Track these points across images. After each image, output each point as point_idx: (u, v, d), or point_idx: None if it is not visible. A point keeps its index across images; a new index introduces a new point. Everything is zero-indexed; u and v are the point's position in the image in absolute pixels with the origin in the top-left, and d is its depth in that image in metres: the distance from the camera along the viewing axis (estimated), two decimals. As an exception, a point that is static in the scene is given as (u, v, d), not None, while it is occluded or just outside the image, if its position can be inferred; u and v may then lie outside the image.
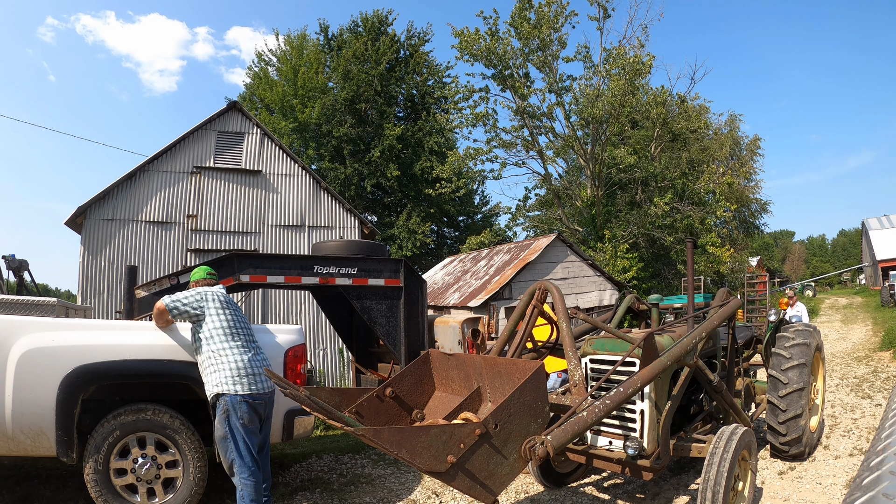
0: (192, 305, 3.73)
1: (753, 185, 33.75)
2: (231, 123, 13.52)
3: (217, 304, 3.78)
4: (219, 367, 3.62)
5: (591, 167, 23.53)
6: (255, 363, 3.72)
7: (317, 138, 26.65)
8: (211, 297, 3.80)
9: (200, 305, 3.74)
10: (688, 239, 4.42)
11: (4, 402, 3.62)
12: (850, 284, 56.78)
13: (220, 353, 3.65)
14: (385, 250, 8.13)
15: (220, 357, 3.64)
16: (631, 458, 3.50)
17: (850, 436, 5.76)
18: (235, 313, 3.85)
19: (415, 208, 26.98)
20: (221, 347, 3.67)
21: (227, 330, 3.71)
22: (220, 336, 3.69)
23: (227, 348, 3.66)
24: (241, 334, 3.78)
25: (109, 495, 3.78)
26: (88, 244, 11.76)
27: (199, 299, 3.76)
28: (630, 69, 20.32)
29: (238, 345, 3.70)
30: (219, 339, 3.68)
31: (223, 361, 3.62)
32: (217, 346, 3.67)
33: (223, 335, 3.69)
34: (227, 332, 3.70)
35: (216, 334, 3.69)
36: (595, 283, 15.49)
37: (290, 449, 6.44)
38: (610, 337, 3.97)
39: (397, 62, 28.22)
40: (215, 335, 3.68)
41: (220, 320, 3.72)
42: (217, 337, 3.68)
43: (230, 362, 3.62)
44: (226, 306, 3.82)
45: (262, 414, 3.71)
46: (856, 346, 13.62)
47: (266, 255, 6.81)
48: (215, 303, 3.78)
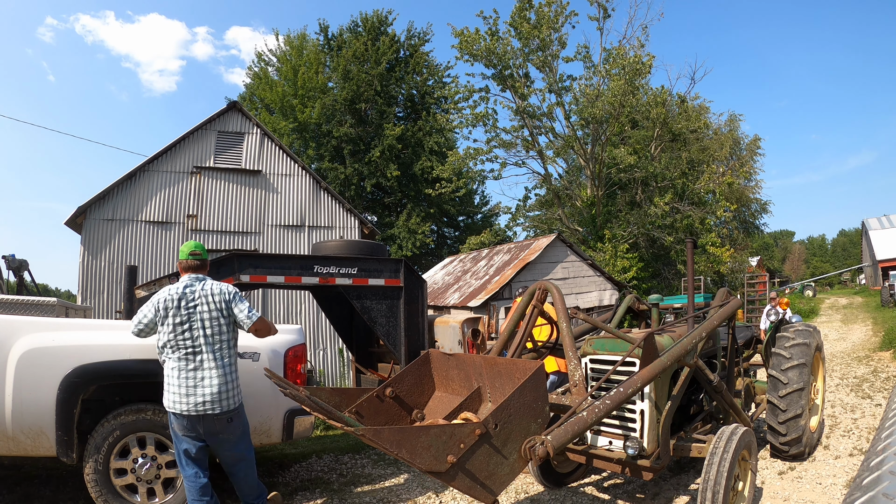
0: (144, 324, 3.57)
1: (753, 185, 33.79)
2: (231, 123, 13.52)
3: (159, 314, 3.55)
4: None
5: (591, 167, 23.54)
6: (188, 379, 3.48)
7: (317, 138, 26.66)
8: (151, 308, 3.57)
9: (150, 321, 3.57)
10: (688, 239, 4.42)
11: (4, 402, 3.62)
12: (850, 284, 56.78)
13: (163, 364, 3.60)
14: (385, 250, 8.13)
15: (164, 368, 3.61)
16: (631, 458, 3.50)
17: (850, 436, 5.76)
18: (178, 323, 3.54)
19: (415, 208, 26.98)
20: (161, 360, 3.60)
21: (166, 344, 3.55)
22: (162, 349, 3.57)
23: (165, 360, 3.58)
24: (181, 346, 3.53)
25: (109, 495, 3.79)
26: (88, 244, 11.76)
27: (145, 316, 3.57)
28: (630, 69, 20.32)
29: (175, 358, 3.53)
30: (162, 352, 3.58)
31: (165, 373, 3.58)
32: (161, 358, 3.61)
33: (162, 348, 3.56)
34: (165, 346, 3.55)
35: (160, 348, 3.58)
36: (595, 283, 15.49)
37: (290, 449, 6.44)
38: (610, 337, 3.97)
39: (397, 62, 28.23)
40: (160, 349, 3.58)
41: (162, 334, 3.56)
42: (162, 350, 3.58)
43: (166, 375, 3.56)
44: (166, 315, 3.54)
45: (202, 428, 3.53)
46: (856, 346, 13.62)
47: (266, 255, 6.81)
48: (158, 313, 3.55)
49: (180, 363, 3.50)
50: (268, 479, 5.17)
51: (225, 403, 3.52)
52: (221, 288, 3.68)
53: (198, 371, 3.51)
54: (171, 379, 3.51)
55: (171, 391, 3.50)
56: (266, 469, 5.55)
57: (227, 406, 3.53)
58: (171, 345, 3.53)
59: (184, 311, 3.55)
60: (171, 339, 3.53)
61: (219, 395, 3.50)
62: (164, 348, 3.55)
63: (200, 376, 3.50)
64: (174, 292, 3.58)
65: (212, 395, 3.48)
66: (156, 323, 3.56)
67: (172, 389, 3.49)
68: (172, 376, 3.51)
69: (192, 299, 3.58)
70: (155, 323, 3.56)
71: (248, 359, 4.13)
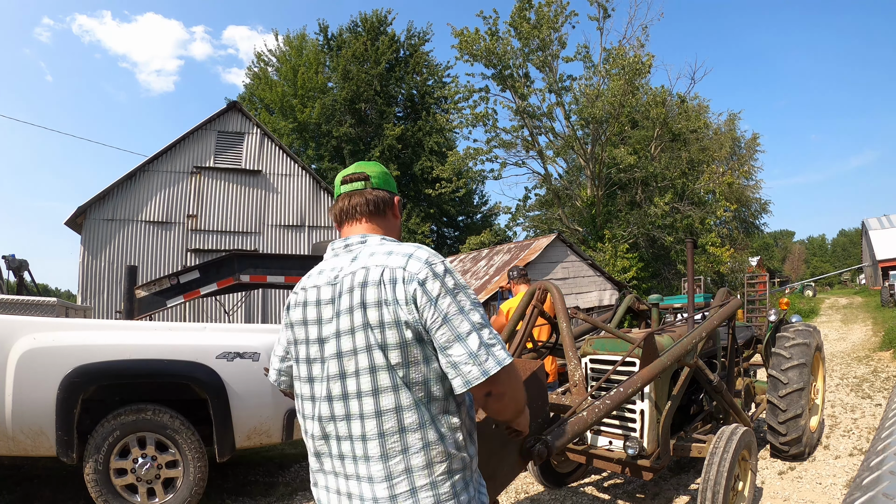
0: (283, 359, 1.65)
1: (753, 184, 33.81)
2: (231, 123, 13.52)
3: (291, 335, 1.53)
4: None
5: (591, 167, 23.54)
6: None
7: (317, 138, 26.67)
8: (285, 316, 1.59)
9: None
10: (688, 239, 4.42)
11: (4, 402, 3.62)
12: (850, 284, 56.82)
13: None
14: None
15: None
16: (631, 458, 3.50)
17: (850, 436, 5.76)
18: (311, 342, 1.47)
19: (415, 208, 26.99)
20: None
21: (296, 392, 1.56)
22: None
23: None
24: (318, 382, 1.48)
25: (109, 495, 3.78)
26: (88, 244, 11.76)
27: (281, 338, 1.63)
28: (630, 69, 20.33)
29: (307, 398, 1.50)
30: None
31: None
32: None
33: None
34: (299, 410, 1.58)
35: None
36: (595, 283, 15.49)
37: (290, 449, 6.44)
38: (610, 337, 3.97)
39: (397, 62, 28.24)
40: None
41: (294, 368, 1.58)
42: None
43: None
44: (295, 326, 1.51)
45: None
46: (856, 346, 13.62)
47: (266, 255, 6.82)
48: (289, 332, 1.54)
49: (321, 458, 1.55)
50: (268, 479, 5.17)
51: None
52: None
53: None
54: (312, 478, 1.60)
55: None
56: (266, 469, 5.55)
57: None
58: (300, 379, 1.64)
59: (319, 314, 1.60)
60: (302, 370, 1.64)
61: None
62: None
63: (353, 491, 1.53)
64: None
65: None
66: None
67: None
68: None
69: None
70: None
71: (247, 359, 4.13)
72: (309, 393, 1.45)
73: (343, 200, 1.54)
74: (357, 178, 1.55)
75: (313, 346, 1.43)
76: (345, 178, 1.56)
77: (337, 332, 1.37)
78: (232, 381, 4.05)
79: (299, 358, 1.47)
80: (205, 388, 4.00)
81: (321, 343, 1.41)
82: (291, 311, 1.49)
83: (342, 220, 1.55)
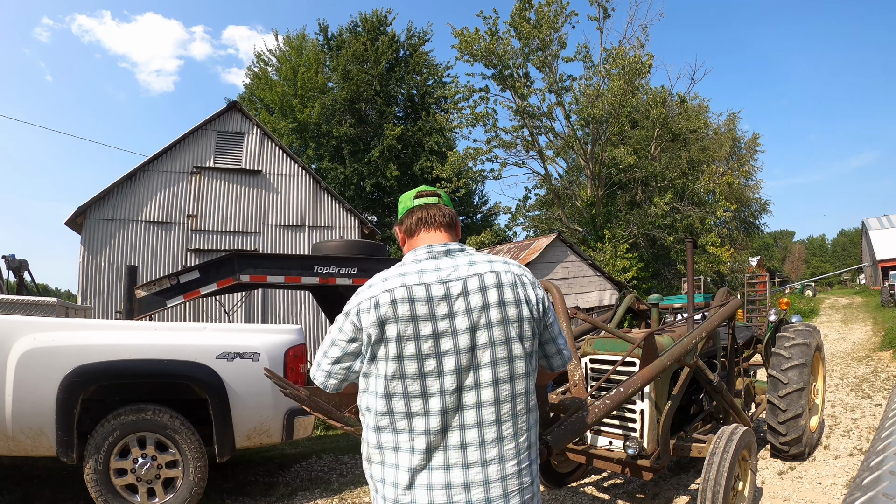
0: (336, 361, 1.59)
1: (753, 184, 33.83)
2: (231, 123, 13.52)
3: (394, 331, 1.48)
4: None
5: (591, 167, 23.55)
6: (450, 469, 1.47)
7: (316, 138, 26.67)
8: (364, 318, 1.51)
9: (349, 350, 1.57)
10: (688, 239, 4.42)
11: (4, 402, 3.62)
12: (850, 284, 56.83)
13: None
14: (385, 250, 8.13)
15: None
16: (631, 458, 3.50)
17: (850, 436, 5.76)
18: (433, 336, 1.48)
19: (415, 208, 26.96)
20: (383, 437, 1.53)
21: (392, 409, 1.49)
22: (373, 416, 1.53)
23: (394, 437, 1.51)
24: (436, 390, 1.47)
25: (109, 495, 3.78)
26: (88, 244, 11.76)
27: (342, 332, 1.58)
28: (630, 69, 20.34)
29: (421, 394, 1.47)
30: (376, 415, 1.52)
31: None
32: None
33: (384, 423, 1.51)
34: (391, 413, 1.50)
35: (368, 408, 1.55)
36: (595, 283, 15.49)
37: (290, 449, 6.44)
38: (610, 337, 3.97)
39: (397, 62, 28.23)
40: (368, 410, 1.55)
41: (383, 381, 1.49)
42: (368, 415, 1.55)
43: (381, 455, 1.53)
44: (401, 324, 1.47)
45: None
46: (856, 346, 13.62)
47: (266, 255, 6.81)
48: (391, 328, 1.48)
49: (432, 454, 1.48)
50: (268, 479, 5.17)
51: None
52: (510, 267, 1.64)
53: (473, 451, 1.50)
54: (406, 482, 1.48)
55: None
56: (266, 469, 5.55)
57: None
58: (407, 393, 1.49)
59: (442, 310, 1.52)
60: (410, 377, 1.51)
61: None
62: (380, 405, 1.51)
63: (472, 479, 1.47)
64: (397, 282, 1.53)
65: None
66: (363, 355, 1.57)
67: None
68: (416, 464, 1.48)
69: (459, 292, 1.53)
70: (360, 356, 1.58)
71: (247, 359, 4.13)
72: (432, 388, 1.46)
73: (421, 211, 1.69)
74: (432, 195, 1.74)
75: (437, 341, 1.47)
76: (419, 193, 1.74)
77: (470, 328, 1.48)
78: (232, 381, 4.05)
79: (409, 354, 1.46)
80: (205, 388, 4.00)
81: (454, 336, 1.47)
82: (398, 306, 1.48)
83: (420, 227, 1.68)
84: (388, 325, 1.47)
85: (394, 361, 1.47)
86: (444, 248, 1.60)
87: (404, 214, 1.74)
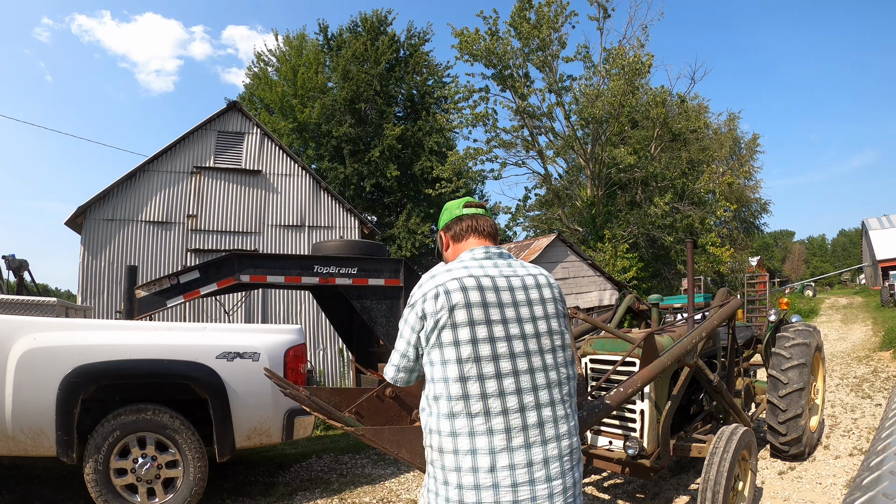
0: (403, 355, 1.69)
1: (753, 184, 33.82)
2: (231, 123, 13.52)
3: (464, 316, 1.57)
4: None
5: (591, 167, 23.54)
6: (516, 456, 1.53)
7: (316, 138, 26.66)
8: (431, 305, 1.58)
9: (413, 341, 1.65)
10: (688, 239, 4.42)
11: (4, 402, 3.62)
12: (850, 284, 56.84)
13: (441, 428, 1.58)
14: (385, 250, 8.12)
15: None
16: (631, 458, 3.50)
17: (850, 436, 5.76)
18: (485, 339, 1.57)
19: (414, 208, 26.97)
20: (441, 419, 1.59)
21: (468, 392, 1.54)
22: (446, 402, 1.56)
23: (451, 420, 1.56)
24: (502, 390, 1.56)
25: (109, 495, 3.78)
26: (88, 244, 11.76)
27: (407, 324, 1.66)
28: (630, 69, 20.33)
29: (495, 374, 1.56)
30: (444, 408, 1.57)
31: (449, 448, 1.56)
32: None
33: (459, 407, 1.54)
34: (466, 397, 1.54)
35: (438, 396, 1.58)
36: (595, 283, 15.49)
37: (290, 449, 6.44)
38: (610, 337, 3.97)
39: (397, 62, 28.22)
40: (437, 399, 1.59)
41: (455, 365, 1.55)
42: (439, 403, 1.58)
43: (452, 453, 1.55)
44: (474, 309, 1.58)
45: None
46: (856, 346, 13.62)
47: (266, 255, 6.81)
48: (461, 313, 1.56)
49: (511, 434, 1.54)
50: (268, 479, 5.17)
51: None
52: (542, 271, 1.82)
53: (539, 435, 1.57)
54: (488, 465, 1.51)
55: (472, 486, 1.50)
56: (266, 469, 5.55)
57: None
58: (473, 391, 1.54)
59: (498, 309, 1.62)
60: (483, 368, 1.56)
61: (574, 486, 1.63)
62: (446, 398, 1.56)
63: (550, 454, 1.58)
64: (462, 272, 1.64)
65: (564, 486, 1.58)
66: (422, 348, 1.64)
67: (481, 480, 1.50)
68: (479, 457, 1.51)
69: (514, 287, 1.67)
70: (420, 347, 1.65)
71: (247, 359, 4.13)
72: (505, 369, 1.56)
73: (471, 219, 1.83)
74: (479, 206, 1.89)
75: (507, 326, 1.60)
76: (468, 203, 1.89)
77: (533, 317, 1.65)
78: (232, 381, 4.05)
79: (482, 338, 1.56)
80: (205, 388, 4.00)
81: (520, 322, 1.62)
82: (469, 293, 1.58)
83: (469, 234, 1.82)
84: (458, 310, 1.56)
85: (467, 345, 1.54)
86: (499, 251, 1.76)
87: (452, 220, 1.86)
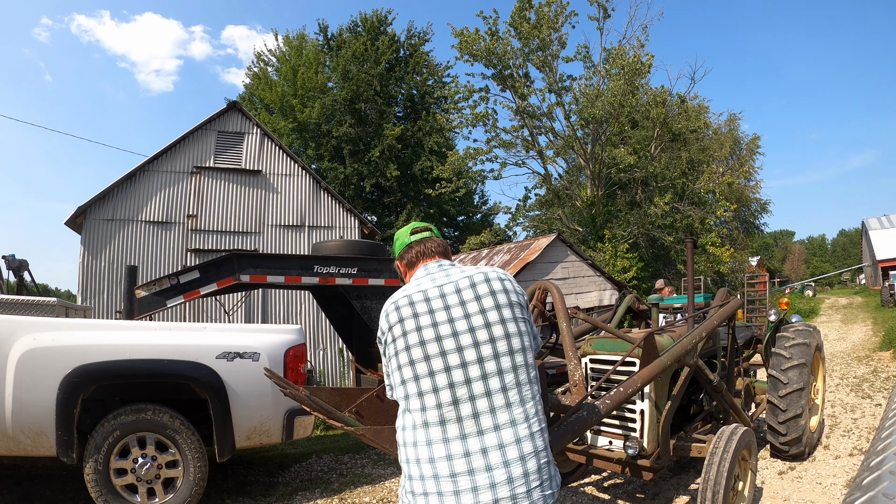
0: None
1: (753, 184, 33.81)
2: (231, 123, 13.51)
3: (399, 330, 1.73)
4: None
5: (591, 167, 23.54)
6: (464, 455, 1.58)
7: (316, 138, 26.66)
8: (384, 322, 1.80)
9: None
10: (688, 239, 4.42)
11: (4, 402, 3.62)
12: (850, 284, 56.84)
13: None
14: (385, 250, 8.12)
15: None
16: (631, 458, 3.50)
17: (850, 436, 5.76)
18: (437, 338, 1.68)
19: (414, 208, 26.98)
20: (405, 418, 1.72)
21: (407, 392, 1.68)
22: (402, 403, 1.72)
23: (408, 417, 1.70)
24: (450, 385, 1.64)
25: (109, 495, 3.78)
26: (88, 244, 11.76)
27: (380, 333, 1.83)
28: (630, 69, 20.33)
29: (428, 373, 1.66)
30: (403, 419, 1.72)
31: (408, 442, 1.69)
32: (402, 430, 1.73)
33: (404, 406, 1.71)
34: (407, 397, 1.69)
35: (398, 399, 1.75)
36: (595, 283, 15.49)
37: (290, 449, 6.44)
38: (610, 337, 3.97)
39: (397, 62, 28.22)
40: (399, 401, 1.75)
41: (398, 371, 1.72)
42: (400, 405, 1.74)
43: (410, 446, 1.68)
44: (406, 321, 1.72)
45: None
46: (856, 346, 13.62)
47: (266, 255, 6.81)
48: (397, 328, 1.73)
49: (446, 426, 1.61)
50: (268, 479, 5.17)
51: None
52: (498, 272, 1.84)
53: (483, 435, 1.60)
54: (427, 456, 1.61)
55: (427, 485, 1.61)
56: (266, 469, 5.55)
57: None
58: (421, 394, 1.66)
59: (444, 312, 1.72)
60: (419, 380, 1.68)
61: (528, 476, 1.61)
62: (403, 404, 1.72)
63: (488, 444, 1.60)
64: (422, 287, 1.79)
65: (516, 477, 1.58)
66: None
67: (428, 483, 1.61)
68: (430, 452, 1.61)
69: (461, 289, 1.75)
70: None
71: (247, 359, 4.13)
72: (437, 367, 1.64)
73: (420, 245, 1.93)
74: (425, 230, 1.98)
75: (439, 328, 1.68)
76: (414, 230, 1.98)
77: (466, 314, 1.69)
78: (232, 381, 4.05)
79: (415, 343, 1.68)
80: (205, 388, 4.00)
81: (451, 322, 1.68)
82: (401, 310, 1.74)
83: (420, 259, 1.92)
84: (396, 325, 1.72)
85: (404, 352, 1.69)
86: (438, 264, 1.86)
87: (403, 249, 1.96)
